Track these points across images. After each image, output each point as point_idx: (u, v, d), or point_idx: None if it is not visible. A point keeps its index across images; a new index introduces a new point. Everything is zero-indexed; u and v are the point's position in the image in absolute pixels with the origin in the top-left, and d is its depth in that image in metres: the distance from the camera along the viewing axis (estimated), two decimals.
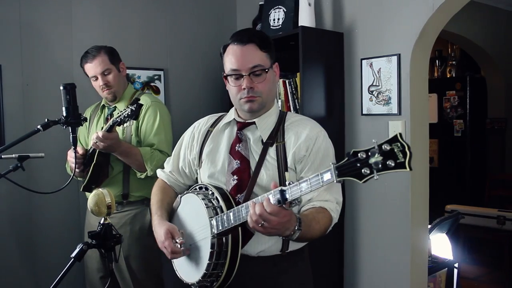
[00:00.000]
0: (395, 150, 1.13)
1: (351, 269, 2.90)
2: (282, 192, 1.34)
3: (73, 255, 1.65)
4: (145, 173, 2.41)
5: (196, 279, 1.58)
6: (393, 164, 1.13)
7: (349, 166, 1.20)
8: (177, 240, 1.59)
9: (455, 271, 3.30)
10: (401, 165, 1.12)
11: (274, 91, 1.71)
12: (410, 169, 1.11)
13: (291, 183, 1.33)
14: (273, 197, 1.35)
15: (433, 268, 3.08)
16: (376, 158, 1.15)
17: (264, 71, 1.59)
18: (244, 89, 1.58)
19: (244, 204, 1.47)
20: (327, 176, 1.25)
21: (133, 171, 2.46)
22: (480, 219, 4.47)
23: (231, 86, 1.63)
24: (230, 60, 1.60)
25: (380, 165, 1.15)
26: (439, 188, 3.84)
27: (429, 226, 3.02)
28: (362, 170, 1.18)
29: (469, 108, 5.22)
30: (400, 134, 1.14)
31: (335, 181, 1.24)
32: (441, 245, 3.36)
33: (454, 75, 5.61)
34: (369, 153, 1.16)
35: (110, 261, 1.71)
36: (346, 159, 1.21)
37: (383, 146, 1.14)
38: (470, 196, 5.12)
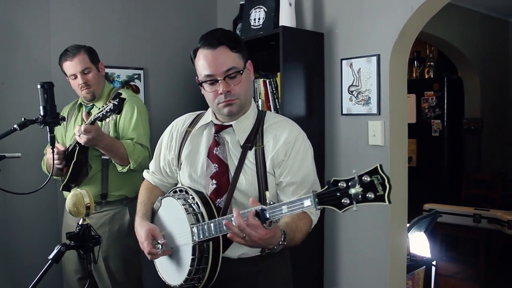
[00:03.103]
0: (375, 182, 1.14)
1: (331, 267, 2.92)
2: (263, 211, 1.33)
3: (50, 256, 1.63)
4: (128, 167, 2.39)
5: (178, 283, 1.57)
6: (372, 197, 1.15)
7: (329, 195, 1.22)
8: (159, 241, 1.57)
9: (433, 268, 3.35)
10: (380, 198, 1.14)
11: (251, 91, 1.69)
12: (389, 202, 1.13)
13: (271, 202, 1.33)
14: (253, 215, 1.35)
15: (411, 266, 3.12)
16: (356, 189, 1.17)
17: (238, 72, 1.55)
18: (221, 93, 1.54)
19: (225, 217, 1.45)
20: (307, 203, 1.26)
21: (112, 170, 2.43)
22: (457, 217, 4.55)
23: (207, 92, 1.59)
24: (203, 65, 1.55)
25: (359, 197, 1.16)
26: (417, 187, 3.88)
27: (408, 225, 3.06)
28: (342, 200, 1.19)
29: (446, 109, 5.29)
30: (381, 166, 1.15)
31: (315, 209, 1.25)
32: (419, 243, 3.41)
33: (432, 76, 5.69)
34: (349, 184, 1.18)
35: (88, 263, 1.69)
36: (326, 187, 1.23)
37: (363, 178, 1.16)
38: (448, 195, 5.20)
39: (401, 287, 2.73)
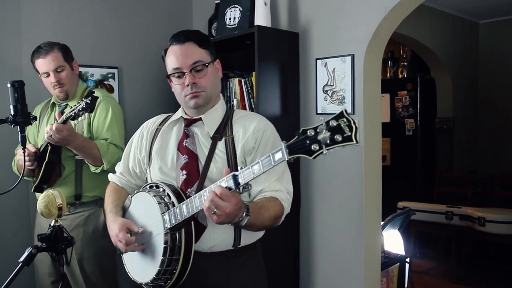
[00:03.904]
0: (342, 125, 1.17)
1: (307, 265, 2.93)
2: (235, 177, 1.35)
3: (21, 259, 1.59)
4: (101, 167, 2.36)
5: (150, 278, 1.56)
6: (340, 138, 1.17)
7: (299, 144, 1.23)
8: (137, 230, 1.58)
9: (407, 265, 3.40)
10: (348, 139, 1.16)
11: (218, 85, 1.73)
12: (357, 142, 1.16)
13: (242, 167, 1.35)
14: (225, 183, 1.37)
15: (385, 263, 3.16)
16: (324, 134, 1.19)
17: (204, 65, 1.62)
18: (188, 85, 1.60)
19: (196, 194, 1.47)
20: (279, 155, 1.27)
21: (86, 170, 2.39)
22: (430, 215, 4.64)
23: (175, 85, 1.66)
24: (171, 60, 1.63)
25: (328, 140, 1.18)
26: (391, 186, 3.94)
27: (382, 223, 3.10)
28: (312, 147, 1.21)
29: (419, 108, 5.38)
30: (346, 110, 1.18)
31: (286, 159, 1.26)
32: (393, 241, 3.45)
33: (405, 76, 5.77)
34: (317, 130, 1.20)
35: (61, 265, 1.66)
36: (296, 137, 1.24)
37: (330, 122, 1.18)
38: (421, 193, 5.29)
39: (375, 284, 2.76)
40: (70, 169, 2.40)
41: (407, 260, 3.40)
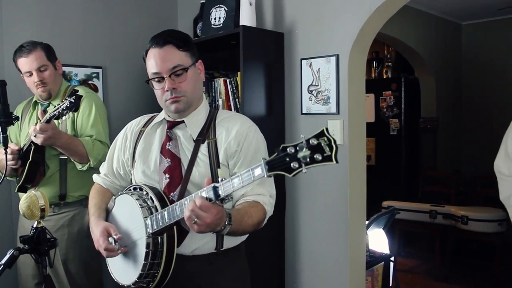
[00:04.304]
0: (322, 144, 1.18)
1: (292, 266, 2.94)
2: (215, 189, 1.35)
3: (3, 261, 1.57)
4: (87, 165, 2.34)
5: (132, 280, 1.56)
6: (320, 158, 1.18)
7: (279, 161, 1.24)
8: (114, 236, 1.56)
9: (391, 264, 3.42)
10: (328, 158, 1.18)
11: (199, 88, 1.71)
12: (336, 162, 1.17)
13: (223, 179, 1.35)
14: (206, 193, 1.37)
15: (370, 262, 3.17)
16: (304, 153, 1.19)
17: (184, 70, 1.59)
18: (167, 90, 1.58)
19: (178, 202, 1.47)
20: (258, 171, 1.27)
21: (71, 170, 2.37)
22: (414, 214, 4.68)
23: (156, 90, 1.64)
24: (151, 64, 1.61)
25: (308, 159, 1.19)
26: (376, 185, 3.97)
27: (367, 222, 3.12)
28: (291, 164, 1.21)
29: (404, 108, 5.42)
30: (327, 129, 1.19)
31: (265, 176, 1.26)
32: (378, 240, 3.48)
33: (390, 76, 5.80)
34: (298, 148, 1.21)
35: (44, 267, 1.64)
36: (276, 154, 1.25)
37: (310, 141, 1.19)
38: (405, 192, 5.33)
39: (360, 283, 2.78)
40: (54, 168, 2.38)
41: (392, 259, 3.43)
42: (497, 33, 5.78)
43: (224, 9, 2.95)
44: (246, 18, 2.77)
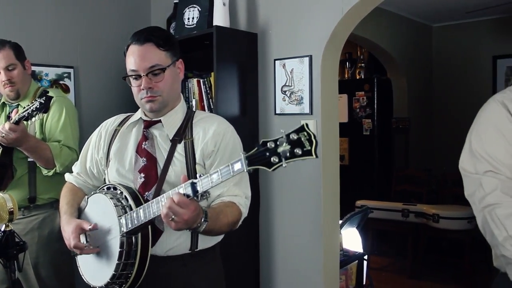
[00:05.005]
0: (302, 139, 1.18)
1: (267, 266, 2.95)
2: (193, 185, 1.34)
3: None
4: (53, 170, 2.30)
5: (105, 281, 1.53)
6: (300, 152, 1.18)
7: (259, 156, 1.24)
8: (88, 227, 1.55)
9: (365, 262, 3.46)
10: (307, 153, 1.18)
11: (177, 88, 1.70)
12: (316, 156, 1.18)
13: (201, 175, 1.34)
14: (183, 190, 1.36)
15: (344, 261, 3.20)
16: (284, 147, 1.20)
17: (162, 70, 1.58)
18: (143, 89, 1.57)
19: (154, 200, 1.46)
20: (238, 166, 1.27)
21: (40, 172, 2.33)
22: (386, 212, 4.74)
23: (132, 87, 1.62)
24: (130, 60, 1.59)
25: (288, 154, 1.19)
26: (349, 185, 4.02)
27: (340, 222, 3.15)
28: (271, 159, 1.22)
29: (376, 108, 5.49)
30: (307, 124, 1.20)
31: (245, 170, 1.26)
32: (351, 239, 3.51)
33: (363, 77, 5.87)
34: (278, 143, 1.21)
35: (12, 271, 1.61)
36: (255, 148, 1.25)
37: (290, 136, 1.19)
38: (378, 192, 5.40)
39: (334, 282, 2.81)
40: (23, 171, 2.34)
41: (365, 257, 3.47)
42: (466, 35, 5.92)
43: (198, 9, 2.94)
44: (220, 18, 2.76)
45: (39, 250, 2.35)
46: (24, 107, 2.02)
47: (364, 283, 3.46)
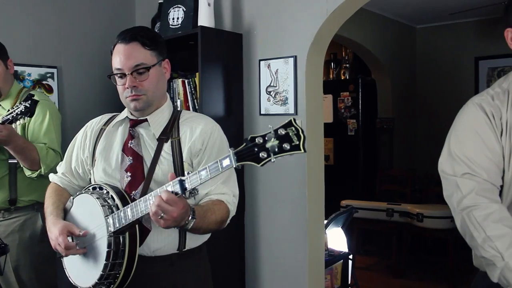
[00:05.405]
0: (290, 134, 1.19)
1: (252, 266, 2.95)
2: (182, 182, 1.35)
3: None
4: (38, 172, 2.27)
5: (92, 282, 1.52)
6: (288, 147, 1.19)
7: (247, 151, 1.24)
8: (79, 233, 1.54)
9: (350, 262, 3.48)
10: (296, 147, 1.19)
11: (162, 88, 1.69)
12: (305, 150, 1.18)
13: (189, 172, 1.35)
14: (171, 187, 1.36)
15: (329, 261, 3.22)
16: (272, 142, 1.21)
17: (147, 69, 1.58)
18: (128, 88, 1.57)
19: (141, 198, 1.45)
20: (226, 162, 1.28)
21: (21, 173, 2.30)
22: (371, 212, 4.78)
23: (117, 85, 1.62)
24: (115, 59, 1.59)
25: (276, 149, 1.20)
26: (334, 185, 4.03)
27: (326, 221, 3.17)
28: (260, 154, 1.22)
29: (361, 109, 5.51)
30: (294, 119, 1.21)
31: (234, 166, 1.27)
32: (337, 239, 3.53)
33: (347, 77, 5.90)
34: (266, 138, 1.22)
35: None
36: (244, 144, 1.25)
37: (279, 131, 1.20)
38: (363, 191, 5.43)
39: (320, 282, 2.82)
40: (3, 172, 2.30)
41: (350, 257, 3.49)
42: (449, 36, 5.99)
43: (183, 9, 2.93)
44: (205, 18, 2.76)
45: (20, 253, 2.32)
46: (8, 110, 1.99)
47: (349, 282, 3.48)
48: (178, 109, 2.78)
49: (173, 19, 2.96)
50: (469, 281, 1.57)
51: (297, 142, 1.19)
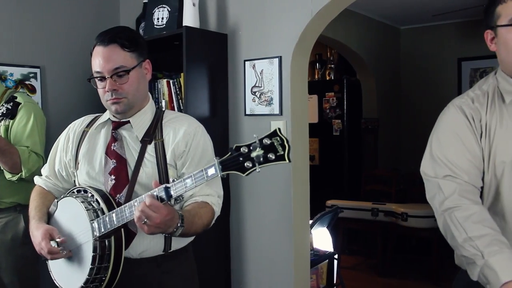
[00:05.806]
0: (275, 143, 1.21)
1: (238, 266, 2.95)
2: (167, 189, 1.35)
3: None
4: (18, 175, 2.24)
5: (78, 286, 1.51)
6: (273, 157, 1.21)
7: (232, 161, 1.25)
8: (57, 239, 1.52)
9: (335, 262, 3.50)
10: (281, 157, 1.21)
11: (144, 89, 1.68)
12: (289, 160, 1.20)
13: (175, 180, 1.35)
14: (157, 193, 1.36)
15: (315, 260, 3.24)
16: (257, 152, 1.22)
17: (126, 72, 1.56)
18: (108, 91, 1.56)
19: (127, 204, 1.45)
20: (211, 171, 1.28)
21: (1, 175, 2.26)
22: (356, 212, 4.81)
23: (98, 88, 1.60)
24: (95, 62, 1.58)
25: (261, 158, 1.22)
26: (320, 185, 4.06)
27: (311, 221, 3.18)
28: (245, 164, 1.23)
29: (346, 109, 5.54)
30: (279, 129, 1.22)
31: (219, 175, 1.28)
32: (322, 238, 3.55)
33: (332, 78, 5.93)
34: (251, 147, 1.23)
35: None
36: (229, 153, 1.26)
37: (263, 140, 1.22)
38: (348, 191, 5.46)
39: (305, 282, 2.83)
40: None
41: (336, 256, 3.51)
42: (432, 37, 6.06)
43: (167, 9, 2.91)
44: (189, 18, 2.75)
45: (1, 256, 2.30)
46: None
47: (334, 282, 3.50)
48: (163, 109, 2.78)
49: (157, 19, 2.94)
50: (452, 279, 1.59)
51: (282, 152, 1.20)
